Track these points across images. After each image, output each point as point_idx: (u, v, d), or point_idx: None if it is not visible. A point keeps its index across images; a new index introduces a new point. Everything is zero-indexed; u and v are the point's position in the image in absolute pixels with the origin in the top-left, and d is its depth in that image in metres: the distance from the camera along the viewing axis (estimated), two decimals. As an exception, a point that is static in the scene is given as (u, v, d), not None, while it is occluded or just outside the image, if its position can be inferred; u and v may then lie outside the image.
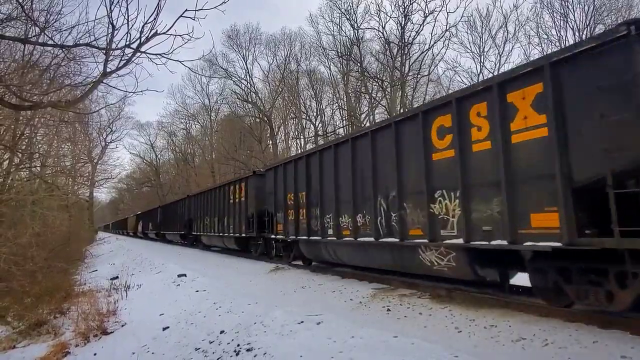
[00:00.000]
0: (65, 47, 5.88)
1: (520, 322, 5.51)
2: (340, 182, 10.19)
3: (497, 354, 4.63)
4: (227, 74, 40.64)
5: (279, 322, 6.16)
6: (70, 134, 21.57)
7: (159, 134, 60.03)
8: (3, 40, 7.77)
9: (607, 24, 26.30)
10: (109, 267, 19.73)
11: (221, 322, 7.07)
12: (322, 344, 5.16)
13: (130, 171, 66.53)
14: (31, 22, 6.28)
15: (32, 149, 14.59)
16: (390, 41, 30.31)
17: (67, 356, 7.55)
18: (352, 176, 9.63)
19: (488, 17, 30.57)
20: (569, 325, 5.21)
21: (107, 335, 8.18)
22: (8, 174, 13.09)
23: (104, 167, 40.54)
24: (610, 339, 4.60)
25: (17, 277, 9.45)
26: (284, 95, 40.78)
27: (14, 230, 10.85)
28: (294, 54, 39.57)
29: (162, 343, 7.11)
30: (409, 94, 31.69)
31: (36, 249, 11.11)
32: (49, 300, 10.23)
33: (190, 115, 51.86)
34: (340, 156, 10.24)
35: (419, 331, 5.73)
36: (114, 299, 10.17)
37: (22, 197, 11.95)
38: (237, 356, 5.56)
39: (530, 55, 29.32)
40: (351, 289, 8.99)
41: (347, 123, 36.26)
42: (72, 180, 22.62)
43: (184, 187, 48.90)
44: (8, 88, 6.24)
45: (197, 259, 18.98)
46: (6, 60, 10.35)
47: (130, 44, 4.89)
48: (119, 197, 77.13)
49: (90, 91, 5.70)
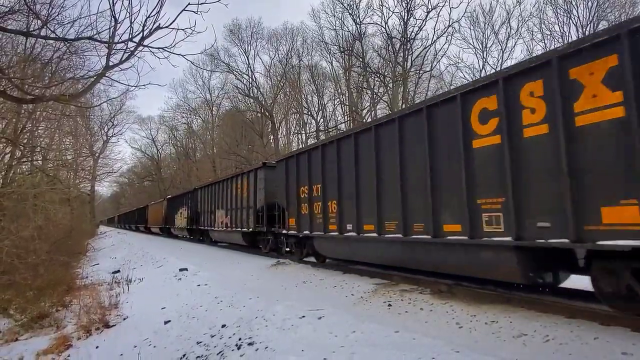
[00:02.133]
0: (68, 40, 5.86)
1: (521, 318, 5.51)
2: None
3: (498, 350, 4.64)
4: (229, 69, 40.58)
5: (281, 317, 6.18)
6: (72, 128, 21.62)
7: (161, 128, 60.27)
8: (5, 33, 7.75)
9: (610, 20, 26.19)
10: (110, 260, 19.77)
11: (222, 316, 7.09)
12: (323, 339, 5.19)
13: (132, 165, 66.88)
14: (33, 15, 6.26)
15: (34, 142, 14.62)
16: (393, 36, 30.19)
17: (69, 349, 7.58)
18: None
19: (491, 12, 30.71)
20: (570, 321, 5.22)
21: (109, 328, 8.21)
22: (10, 168, 13.11)
23: (106, 161, 40.94)
24: (611, 335, 4.61)
25: (20, 270, 9.48)
26: (285, 90, 40.72)
27: (16, 223, 10.88)
28: (296, 48, 39.54)
29: (163, 337, 7.14)
30: (411, 90, 31.63)
31: (38, 242, 11.15)
32: (51, 294, 10.26)
33: (191, 109, 51.97)
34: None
35: (420, 326, 5.75)
36: (116, 293, 10.21)
37: (24, 191, 11.96)
38: (239, 350, 5.58)
39: (533, 51, 29.25)
40: (352, 284, 9.01)
41: (348, 118, 36.19)
42: (73, 174, 22.70)
43: (185, 181, 48.99)
44: (10, 81, 6.24)
45: (199, 254, 19.00)
46: (8, 54, 10.36)
47: (132, 37, 4.87)
48: (121, 191, 77.33)
49: (92, 85, 5.69)
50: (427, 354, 4.19)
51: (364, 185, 9.35)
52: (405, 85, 30.32)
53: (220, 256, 17.53)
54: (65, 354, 7.41)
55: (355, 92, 35.97)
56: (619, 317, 5.02)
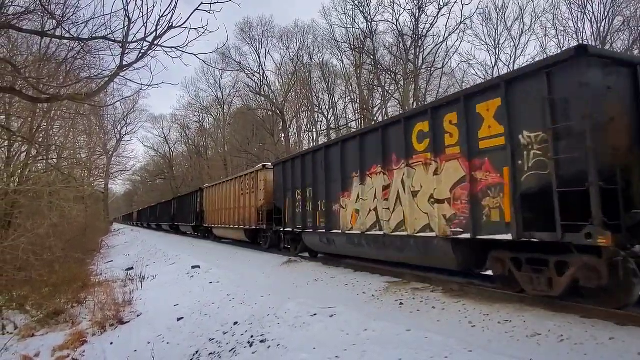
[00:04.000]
0: (82, 40, 5.93)
1: (535, 318, 5.46)
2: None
3: (512, 350, 4.59)
4: (240, 67, 40.69)
5: (292, 314, 6.20)
6: (86, 127, 21.85)
7: (173, 127, 60.68)
8: (21, 33, 7.87)
9: (625, 15, 25.70)
10: (124, 258, 20.02)
11: (235, 314, 7.14)
12: (335, 336, 5.19)
13: (145, 163, 67.56)
14: (48, 15, 6.34)
15: (49, 141, 14.80)
16: (404, 34, 30.00)
17: (84, 345, 7.68)
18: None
19: (504, 8, 30.08)
20: (585, 321, 5.16)
21: (123, 324, 8.31)
22: (26, 166, 13.31)
23: (119, 159, 41.33)
24: (627, 335, 4.55)
25: (36, 267, 9.63)
26: (296, 88, 40.70)
27: (32, 221, 11.05)
28: (307, 46, 39.46)
29: (176, 333, 7.21)
30: (422, 87, 31.42)
31: (54, 239, 11.32)
32: (67, 290, 10.41)
33: (203, 108, 52.16)
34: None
35: (432, 325, 5.72)
36: (130, 290, 10.32)
37: (40, 189, 12.12)
38: (251, 347, 5.62)
39: (546, 47, 28.85)
40: (364, 282, 8.99)
41: (359, 116, 36.10)
42: (87, 172, 22.94)
43: (197, 179, 49.31)
44: (26, 80, 6.33)
45: (209, 251, 19.15)
46: (24, 53, 10.52)
47: (146, 37, 4.91)
48: (133, 189, 78.13)
49: (107, 84, 5.75)
50: (440, 353, 4.17)
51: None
52: (416, 82, 30.14)
53: (230, 253, 17.67)
54: (81, 349, 7.51)
55: (366, 90, 35.88)
56: (635, 316, 4.96)
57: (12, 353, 7.38)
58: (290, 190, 13.79)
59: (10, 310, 9.69)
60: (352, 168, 10.28)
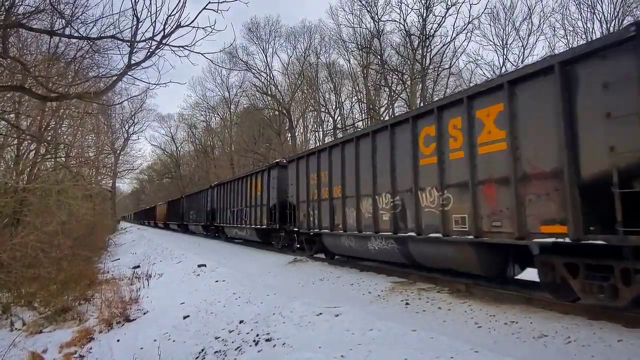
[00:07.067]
0: (91, 39, 5.95)
1: (542, 319, 5.43)
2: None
3: (518, 351, 4.57)
4: (247, 67, 40.84)
5: (298, 313, 6.20)
6: (94, 125, 21.97)
7: (180, 126, 60.98)
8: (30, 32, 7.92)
9: (635, 15, 25.45)
10: (130, 256, 20.14)
11: (240, 312, 7.16)
12: (340, 336, 5.19)
13: (152, 162, 67.89)
14: (57, 15, 6.38)
15: (58, 139, 14.90)
16: (411, 33, 29.91)
17: (91, 342, 7.75)
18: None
19: (512, 8, 30.07)
20: (593, 322, 5.12)
21: (129, 322, 8.37)
22: (34, 164, 13.41)
23: (126, 158, 41.66)
24: (637, 338, 4.50)
25: (44, 264, 9.72)
26: (303, 88, 40.74)
27: (41, 218, 11.14)
28: (314, 46, 39.47)
29: (182, 331, 7.24)
30: (430, 87, 31.32)
31: (62, 237, 11.41)
32: (74, 287, 10.49)
33: (210, 107, 52.33)
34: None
35: (438, 325, 5.70)
36: (136, 288, 10.38)
37: (48, 187, 12.22)
38: (256, 346, 5.63)
39: (555, 47, 28.63)
40: (369, 282, 8.98)
41: (366, 116, 36.02)
42: (95, 171, 23.06)
43: (204, 178, 49.48)
44: (35, 79, 6.38)
45: (217, 250, 19.21)
46: (33, 52, 10.60)
47: (154, 36, 4.93)
48: (141, 188, 78.57)
49: (115, 83, 5.77)
50: (445, 353, 4.16)
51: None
52: (423, 82, 30.05)
53: (236, 253, 17.70)
54: (88, 346, 7.58)
55: (373, 90, 35.80)
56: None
57: (20, 349, 7.44)
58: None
59: (18, 306, 9.78)
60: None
